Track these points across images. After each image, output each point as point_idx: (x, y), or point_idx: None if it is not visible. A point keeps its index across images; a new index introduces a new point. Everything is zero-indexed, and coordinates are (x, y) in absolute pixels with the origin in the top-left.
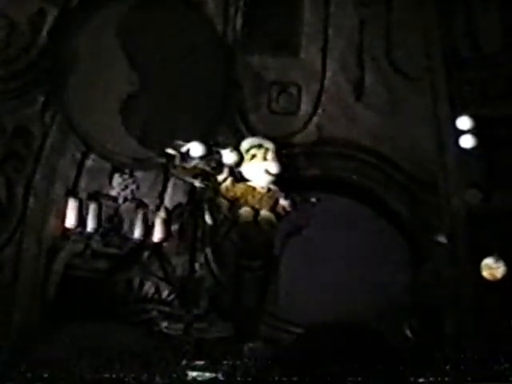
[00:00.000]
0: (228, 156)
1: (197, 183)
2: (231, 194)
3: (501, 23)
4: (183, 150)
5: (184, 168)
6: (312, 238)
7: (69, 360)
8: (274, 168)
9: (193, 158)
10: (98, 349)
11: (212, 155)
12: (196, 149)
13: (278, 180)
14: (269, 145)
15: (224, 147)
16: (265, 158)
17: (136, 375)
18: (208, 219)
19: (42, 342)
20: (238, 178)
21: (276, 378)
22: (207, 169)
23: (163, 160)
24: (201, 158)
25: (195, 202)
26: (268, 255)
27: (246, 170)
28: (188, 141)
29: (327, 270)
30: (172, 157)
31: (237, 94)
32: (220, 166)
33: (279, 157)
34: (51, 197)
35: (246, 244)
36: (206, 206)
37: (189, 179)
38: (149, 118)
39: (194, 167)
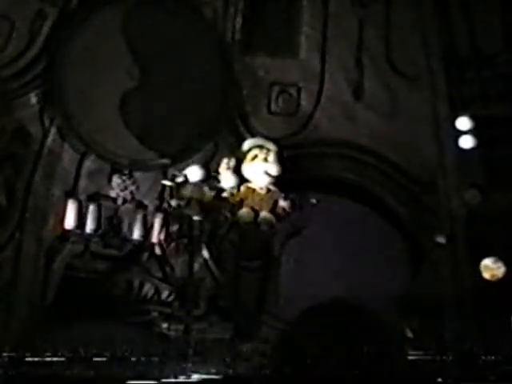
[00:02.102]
0: (227, 180)
1: (195, 216)
2: (236, 199)
3: (501, 23)
4: (179, 180)
5: (181, 196)
6: (312, 239)
7: (68, 360)
8: (274, 170)
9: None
10: (97, 349)
11: (210, 180)
12: (194, 173)
13: (277, 181)
14: (270, 146)
15: (224, 148)
16: (266, 159)
17: (136, 376)
18: (205, 253)
19: (42, 342)
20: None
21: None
22: (206, 193)
23: (162, 161)
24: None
25: (193, 231)
26: (267, 256)
27: (247, 170)
28: (185, 148)
29: (327, 271)
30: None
31: (236, 95)
32: (219, 191)
33: (280, 158)
34: (50, 198)
35: (245, 245)
36: (203, 239)
37: (187, 212)
38: (148, 119)
39: (191, 196)
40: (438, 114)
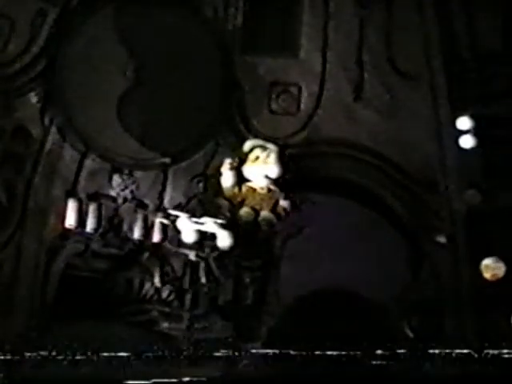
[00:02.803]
0: (223, 240)
1: (191, 256)
2: (238, 199)
3: (501, 23)
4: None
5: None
6: (312, 239)
7: (68, 360)
8: (274, 173)
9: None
10: (97, 349)
11: (206, 240)
12: (189, 236)
13: (278, 180)
14: (272, 147)
15: (224, 147)
16: (266, 161)
17: (136, 375)
18: (203, 278)
19: (41, 341)
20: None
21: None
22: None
23: (163, 160)
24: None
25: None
26: (268, 256)
27: (248, 171)
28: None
29: (327, 271)
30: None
31: (236, 95)
32: (215, 249)
33: (282, 159)
34: (51, 197)
35: (245, 244)
36: (201, 267)
37: (182, 250)
38: (148, 118)
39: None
40: (438, 113)
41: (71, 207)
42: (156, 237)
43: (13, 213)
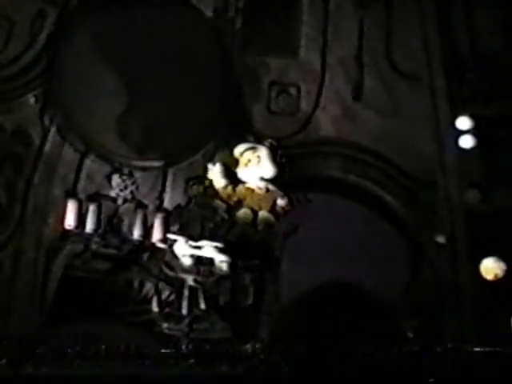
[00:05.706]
0: (221, 266)
1: (190, 281)
2: (234, 199)
3: (501, 22)
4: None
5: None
6: (311, 239)
7: (68, 360)
8: (268, 173)
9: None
10: (97, 349)
11: (202, 264)
12: (186, 261)
13: (277, 180)
14: (261, 148)
15: (224, 148)
16: (259, 163)
17: (135, 375)
18: (202, 304)
19: (41, 342)
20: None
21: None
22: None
23: (162, 161)
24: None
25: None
26: (266, 256)
27: (242, 174)
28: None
29: (326, 271)
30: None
31: (236, 95)
32: (211, 275)
33: (274, 159)
34: (50, 198)
35: (244, 245)
36: (200, 291)
37: (181, 275)
38: (148, 119)
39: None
40: (437, 113)
41: (71, 207)
42: (156, 237)
43: (12, 213)
